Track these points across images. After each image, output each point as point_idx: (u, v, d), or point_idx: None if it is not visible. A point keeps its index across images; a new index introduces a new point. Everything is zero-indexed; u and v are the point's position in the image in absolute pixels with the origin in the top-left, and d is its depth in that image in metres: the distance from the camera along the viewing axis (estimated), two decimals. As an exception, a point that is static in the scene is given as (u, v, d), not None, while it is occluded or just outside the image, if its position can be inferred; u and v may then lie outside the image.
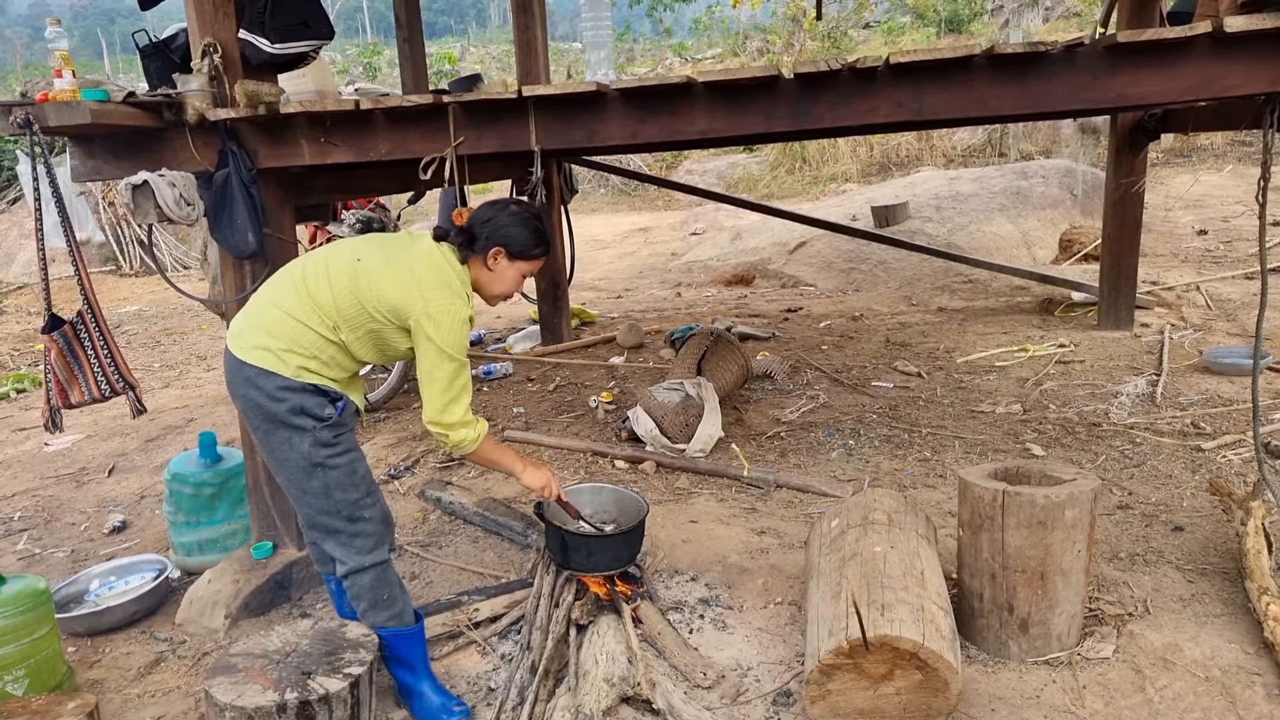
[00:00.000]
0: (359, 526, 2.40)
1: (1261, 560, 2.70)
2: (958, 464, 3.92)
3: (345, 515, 2.39)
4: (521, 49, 5.97)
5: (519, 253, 2.42)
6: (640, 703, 2.41)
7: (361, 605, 2.46)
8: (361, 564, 2.42)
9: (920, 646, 2.15)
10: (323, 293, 2.31)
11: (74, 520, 4.09)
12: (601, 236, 11.65)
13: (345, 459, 2.39)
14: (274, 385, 2.29)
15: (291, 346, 2.30)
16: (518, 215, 2.42)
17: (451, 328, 2.28)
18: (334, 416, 2.34)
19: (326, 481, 2.35)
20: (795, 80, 2.57)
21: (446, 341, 2.28)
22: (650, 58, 20.95)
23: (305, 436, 2.32)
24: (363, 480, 2.43)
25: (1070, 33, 2.35)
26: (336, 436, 2.37)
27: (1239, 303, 6.22)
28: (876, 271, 8.28)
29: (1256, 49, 2.28)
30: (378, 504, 2.47)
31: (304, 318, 2.31)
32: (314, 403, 2.32)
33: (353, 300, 2.30)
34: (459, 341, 2.31)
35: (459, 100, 2.76)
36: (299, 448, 2.33)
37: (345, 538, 2.40)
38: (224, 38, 2.92)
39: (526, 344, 6.47)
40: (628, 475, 4.08)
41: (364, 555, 2.42)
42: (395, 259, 2.34)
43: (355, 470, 2.41)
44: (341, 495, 2.37)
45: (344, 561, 2.43)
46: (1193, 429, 4.15)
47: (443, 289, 2.30)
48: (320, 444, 2.34)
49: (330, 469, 2.35)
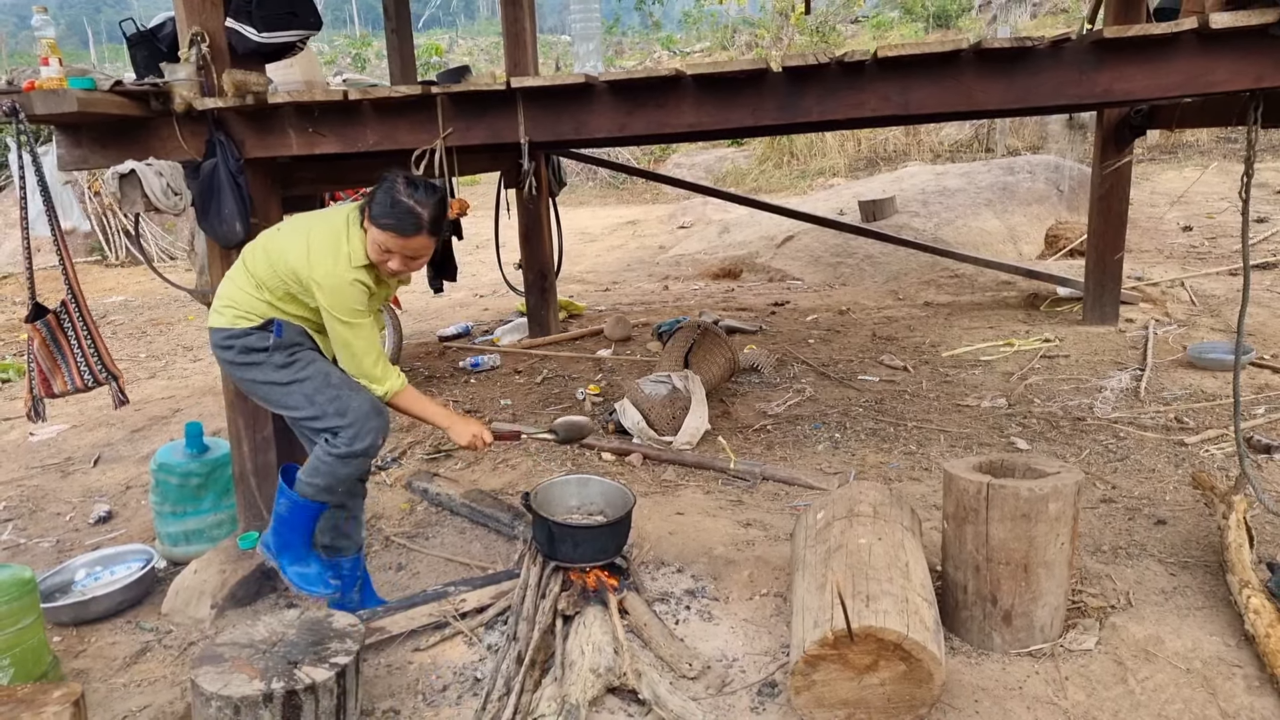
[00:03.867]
0: (345, 419, 2.56)
1: (1243, 554, 2.73)
2: (943, 457, 3.95)
3: (335, 410, 2.56)
4: (510, 41, 5.95)
5: (372, 218, 2.44)
6: (626, 693, 2.42)
7: (317, 479, 2.61)
8: (352, 450, 2.57)
9: (904, 638, 2.16)
10: (250, 258, 2.58)
11: (59, 510, 4.06)
12: (590, 229, 11.64)
13: (313, 369, 2.59)
14: (220, 337, 2.59)
15: (230, 304, 2.58)
16: (390, 183, 2.44)
17: (334, 291, 2.44)
18: (273, 337, 2.54)
19: (305, 391, 2.57)
20: (783, 74, 2.58)
21: (333, 305, 2.46)
22: (639, 51, 20.92)
23: (264, 368, 2.57)
24: (340, 380, 2.61)
25: (1058, 28, 2.37)
26: (291, 355, 2.58)
27: (1223, 298, 6.28)
28: (863, 266, 8.31)
29: (1241, 45, 2.30)
30: (361, 394, 2.61)
31: (237, 279, 2.59)
32: (255, 339, 2.56)
33: (267, 265, 2.51)
34: (344, 304, 2.46)
35: (447, 91, 2.75)
36: (267, 376, 2.58)
37: (345, 432, 2.56)
38: (211, 27, 2.90)
39: (513, 336, 6.46)
40: (614, 467, 4.09)
41: (353, 443, 2.57)
42: (304, 226, 2.54)
43: (329, 375, 2.60)
44: (323, 395, 2.57)
45: (335, 446, 2.58)
46: (1176, 423, 4.19)
47: (326, 255, 2.45)
48: (280, 366, 2.57)
49: (303, 380, 2.57)
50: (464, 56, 21.30)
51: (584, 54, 3.10)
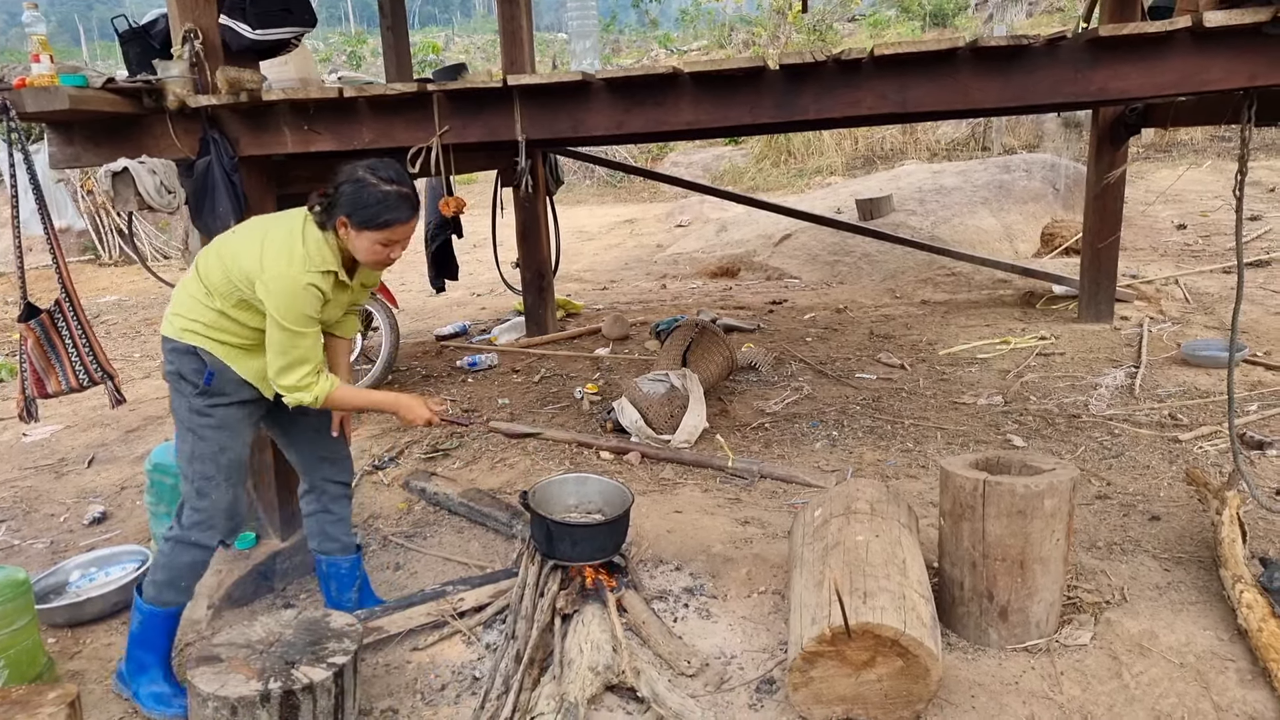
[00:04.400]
0: (200, 502, 2.49)
1: (1236, 549, 2.74)
2: (939, 454, 3.95)
3: (196, 489, 2.48)
4: (506, 39, 5.95)
5: (362, 223, 2.33)
6: (625, 691, 2.43)
7: (157, 573, 2.52)
8: (188, 537, 2.50)
9: (901, 634, 2.17)
10: (203, 263, 2.45)
11: (53, 511, 4.05)
12: (587, 228, 11.63)
13: (214, 437, 2.48)
14: (167, 348, 2.49)
15: (179, 311, 2.47)
16: (361, 183, 2.32)
17: (281, 295, 2.31)
18: (200, 385, 2.44)
19: (193, 447, 2.48)
20: (780, 72, 2.58)
21: (277, 308, 2.32)
22: (636, 49, 20.90)
23: (183, 400, 2.47)
24: (227, 465, 2.50)
25: (1054, 27, 2.38)
26: (210, 407, 2.47)
27: (1217, 296, 6.30)
28: (860, 264, 8.32)
29: (1235, 44, 2.30)
30: (231, 491, 2.52)
31: (189, 286, 2.47)
32: (190, 367, 2.44)
33: (220, 269, 2.39)
34: (293, 309, 2.32)
35: (443, 89, 2.75)
36: (180, 407, 2.49)
37: (190, 514, 2.50)
38: (205, 24, 2.89)
39: (511, 335, 6.46)
40: (613, 466, 4.09)
41: (190, 530, 2.49)
42: (260, 228, 2.43)
43: (222, 453, 2.49)
44: (200, 466, 2.48)
45: (173, 528, 2.51)
46: (1170, 420, 4.20)
47: (279, 258, 2.32)
48: (194, 410, 2.47)
49: (198, 437, 2.47)
50: (460, 54, 21.27)
51: (580, 52, 3.09)
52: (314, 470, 2.81)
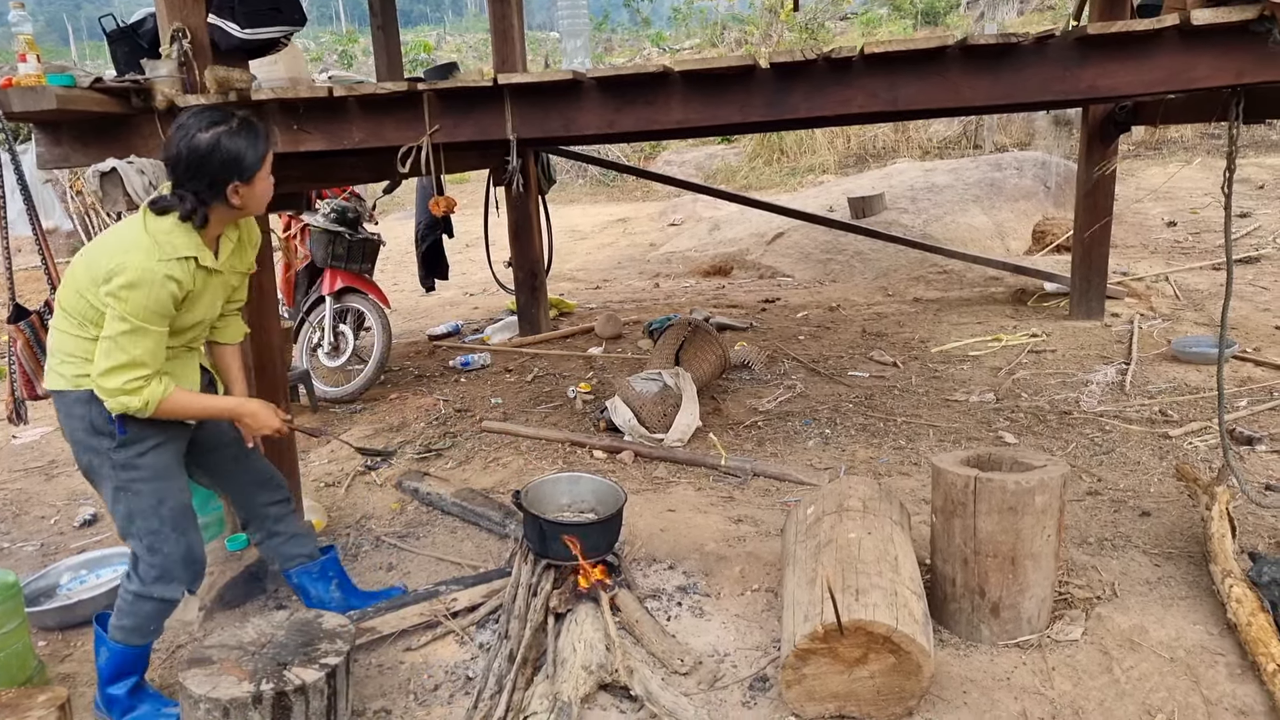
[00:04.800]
0: (154, 558, 2.36)
1: (1225, 544, 2.75)
2: (931, 452, 3.96)
3: (147, 545, 2.35)
4: (498, 37, 5.94)
5: (252, 171, 2.22)
6: (618, 689, 2.43)
7: (123, 619, 2.41)
8: (149, 593, 2.38)
9: (893, 630, 2.18)
10: (63, 297, 2.26)
11: (44, 514, 4.03)
12: (580, 227, 11.62)
13: (149, 489, 2.32)
14: (63, 405, 2.28)
15: (64, 358, 2.26)
16: (214, 147, 2.17)
17: (132, 288, 2.12)
18: (116, 434, 2.26)
19: (129, 506, 2.32)
20: (771, 70, 2.58)
21: (125, 303, 2.13)
22: (629, 48, 20.89)
23: (102, 458, 2.28)
24: (171, 516, 2.36)
25: (1044, 25, 2.39)
26: (137, 458, 2.30)
27: (1207, 293, 6.32)
28: (853, 262, 8.33)
29: (1222, 41, 2.31)
30: (183, 540, 2.39)
31: (60, 327, 2.27)
32: (100, 416, 2.25)
33: (76, 293, 2.22)
34: (139, 304, 2.13)
35: (434, 88, 2.74)
36: (101, 468, 2.30)
37: (146, 571, 2.37)
38: (193, 23, 2.87)
39: (504, 334, 6.45)
40: (606, 465, 4.09)
41: (151, 585, 2.37)
42: (95, 243, 2.27)
43: (163, 503, 2.34)
44: (143, 524, 2.33)
45: (132, 580, 2.39)
46: (1160, 416, 4.22)
47: (129, 252, 2.15)
48: (118, 467, 2.29)
49: (133, 494, 2.31)
50: (452, 53, 21.21)
51: (572, 50, 3.08)
52: (249, 499, 2.72)
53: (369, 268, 5.53)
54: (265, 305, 3.17)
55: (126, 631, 2.42)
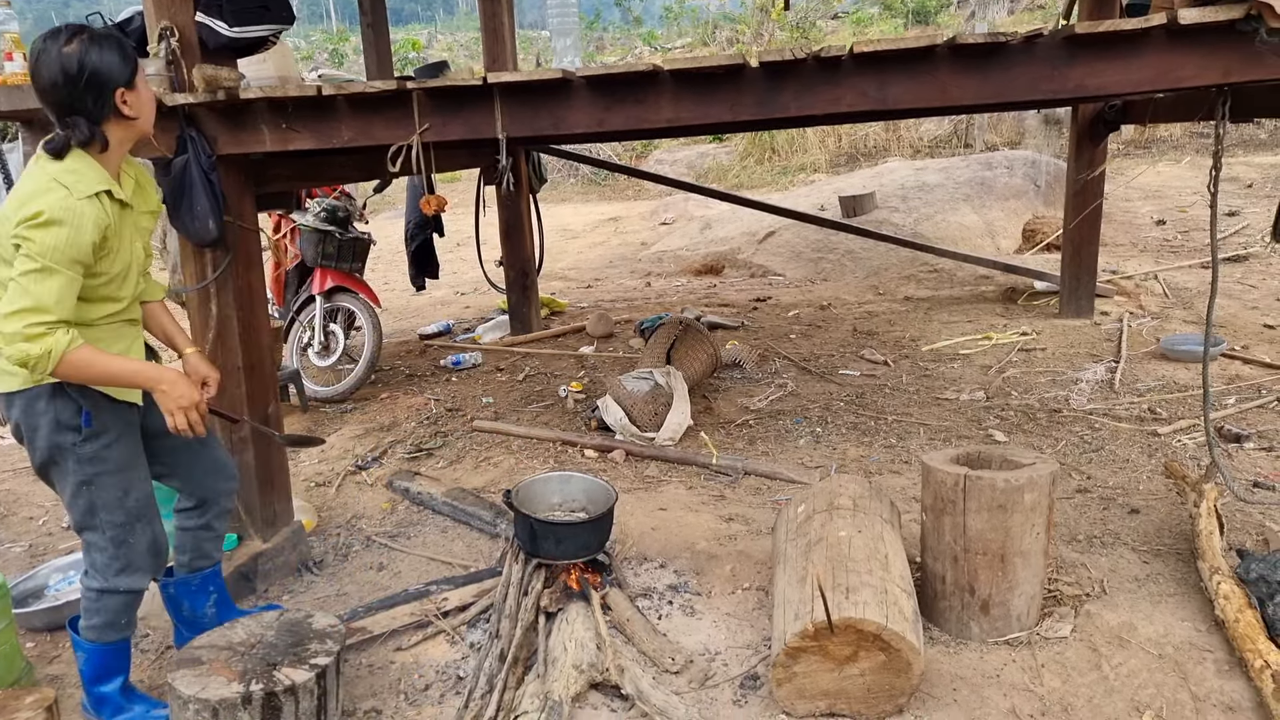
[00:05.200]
0: (120, 550, 2.30)
1: (1213, 541, 2.77)
2: (922, 450, 3.98)
3: (109, 537, 2.28)
4: (488, 36, 5.93)
5: (133, 74, 2.13)
6: (609, 688, 2.43)
7: (92, 619, 2.34)
8: (115, 586, 2.31)
9: (883, 628, 2.18)
10: None
11: (31, 515, 4.01)
12: (571, 226, 11.61)
13: (116, 480, 2.26)
14: (19, 404, 2.18)
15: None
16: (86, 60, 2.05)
17: (48, 225, 1.99)
18: (82, 427, 2.19)
19: (92, 500, 2.25)
20: (760, 69, 2.58)
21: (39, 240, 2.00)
22: (620, 46, 20.87)
23: (66, 455, 2.21)
24: (136, 507, 2.31)
25: (1034, 24, 2.40)
26: (103, 450, 2.23)
27: (1195, 291, 6.36)
28: (844, 261, 8.35)
29: (1209, 41, 2.32)
30: (149, 530, 2.34)
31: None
32: (65, 410, 2.17)
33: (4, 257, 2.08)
34: (65, 241, 2.01)
35: (423, 87, 2.73)
36: (64, 464, 2.22)
37: (106, 556, 2.31)
38: (181, 21, 2.86)
39: (495, 334, 6.45)
40: (597, 464, 4.09)
41: (116, 578, 2.31)
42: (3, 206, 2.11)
43: (128, 492, 2.29)
44: (108, 517, 2.27)
45: (94, 577, 2.32)
46: (1149, 414, 4.24)
47: (42, 194, 2.03)
48: (83, 461, 2.21)
49: (98, 489, 2.24)
50: (443, 52, 21.16)
51: (562, 49, 3.08)
52: (208, 484, 2.60)
53: (359, 267, 5.51)
54: (255, 304, 3.16)
55: (99, 630, 2.36)
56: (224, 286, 3.01)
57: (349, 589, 3.14)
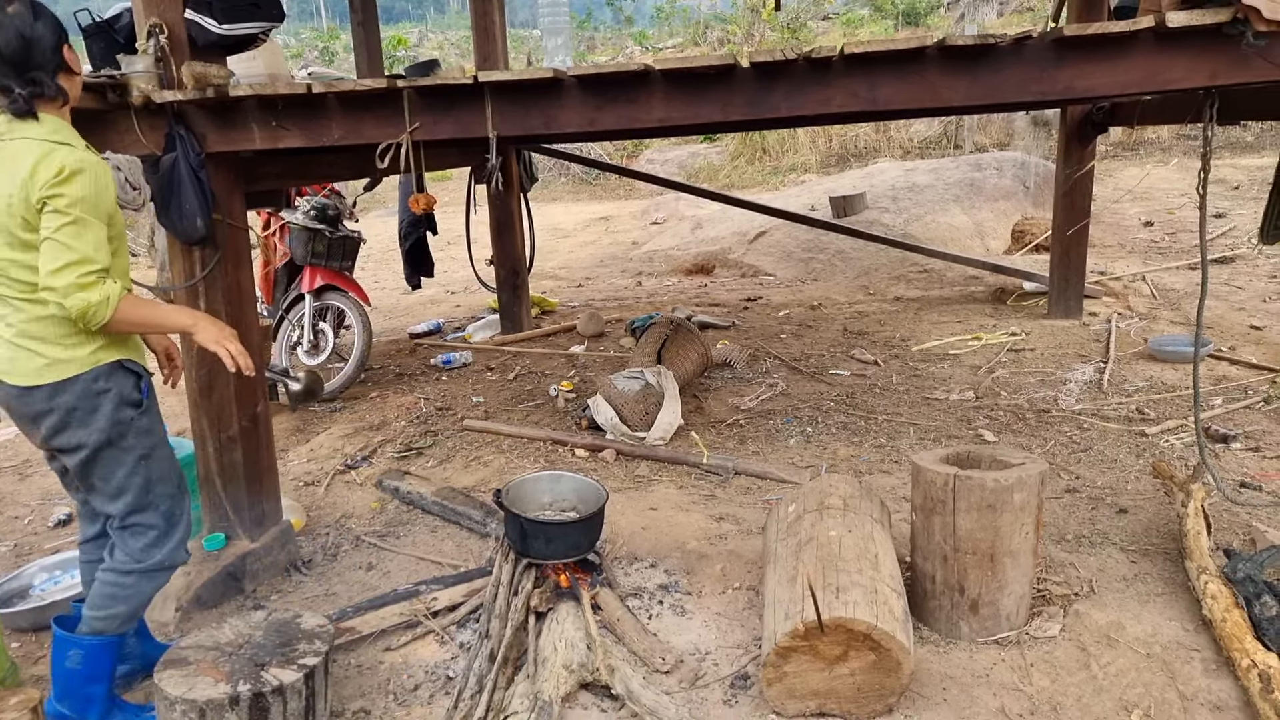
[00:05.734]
0: (176, 523, 2.32)
1: (1201, 541, 2.79)
2: (912, 450, 3.99)
3: (166, 510, 2.28)
4: (479, 35, 5.91)
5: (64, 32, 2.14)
6: (599, 688, 2.43)
7: (115, 607, 2.28)
8: (168, 561, 2.32)
9: (874, 628, 2.19)
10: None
11: (17, 514, 3.98)
12: (562, 225, 11.60)
13: (163, 443, 2.28)
14: (73, 394, 2.12)
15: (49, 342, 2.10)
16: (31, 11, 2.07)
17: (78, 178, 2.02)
18: (141, 397, 2.21)
19: (149, 473, 2.24)
20: (752, 70, 2.58)
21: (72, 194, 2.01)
22: (611, 46, 20.86)
23: (126, 430, 2.19)
24: (176, 469, 2.34)
25: (1023, 26, 2.41)
26: (151, 414, 2.27)
27: (1183, 292, 6.40)
28: (835, 261, 8.36)
29: (1197, 43, 2.34)
30: (187, 496, 2.36)
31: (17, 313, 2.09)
32: (126, 385, 2.18)
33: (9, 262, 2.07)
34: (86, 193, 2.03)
35: (414, 85, 2.72)
36: (127, 442, 2.20)
37: (165, 541, 2.29)
38: (170, 18, 2.84)
39: (486, 333, 6.43)
40: (588, 463, 4.09)
41: (172, 553, 2.32)
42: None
43: (169, 455, 2.30)
44: (162, 489, 2.28)
45: (138, 558, 2.26)
46: (1137, 414, 4.26)
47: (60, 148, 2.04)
48: (141, 433, 2.22)
49: (153, 460, 2.25)
50: (434, 50, 21.10)
51: (553, 49, 3.07)
52: None
53: (349, 265, 5.49)
54: (244, 302, 3.14)
55: (121, 620, 2.31)
56: (212, 285, 3.00)
57: (338, 589, 3.13)
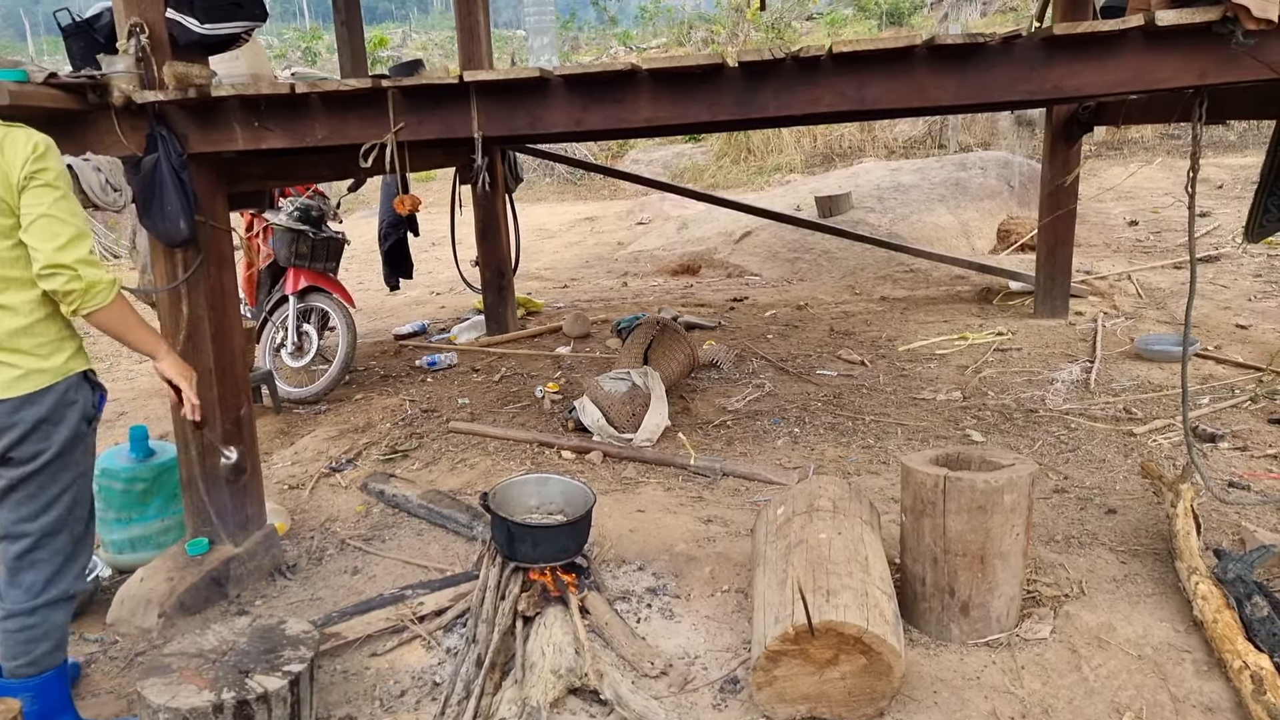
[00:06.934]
0: (85, 544, 2.24)
1: (1190, 541, 2.79)
2: (900, 450, 3.98)
3: (73, 535, 2.19)
4: (464, 35, 5.88)
5: None
6: (588, 693, 2.40)
7: (39, 646, 2.17)
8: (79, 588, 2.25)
9: (864, 631, 2.17)
10: None
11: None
12: (547, 225, 11.56)
13: (92, 470, 2.21)
14: (44, 405, 2.05)
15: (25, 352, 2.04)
16: None
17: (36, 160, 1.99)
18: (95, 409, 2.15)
19: (78, 492, 2.17)
20: (739, 69, 2.57)
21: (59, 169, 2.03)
22: (596, 46, 20.84)
23: (81, 443, 2.14)
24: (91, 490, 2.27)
25: (1007, 26, 2.41)
26: (93, 437, 2.21)
27: (1168, 291, 6.44)
28: (820, 261, 8.37)
29: (1186, 42, 2.34)
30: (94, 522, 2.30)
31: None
32: (87, 399, 2.13)
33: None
34: (54, 168, 2.03)
35: (398, 85, 2.69)
36: (78, 454, 2.14)
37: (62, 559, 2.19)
38: (151, 17, 2.80)
39: (471, 334, 6.39)
40: (574, 465, 4.06)
41: (79, 578, 2.24)
42: None
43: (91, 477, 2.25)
44: (81, 511, 2.20)
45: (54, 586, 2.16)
46: (1125, 414, 4.28)
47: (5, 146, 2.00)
48: (89, 449, 2.16)
49: (86, 475, 2.18)
50: (418, 51, 21.00)
51: (539, 48, 3.05)
52: None
53: (333, 266, 5.44)
54: (227, 304, 3.10)
55: (52, 652, 2.21)
56: (195, 287, 2.96)
57: (323, 593, 3.09)
